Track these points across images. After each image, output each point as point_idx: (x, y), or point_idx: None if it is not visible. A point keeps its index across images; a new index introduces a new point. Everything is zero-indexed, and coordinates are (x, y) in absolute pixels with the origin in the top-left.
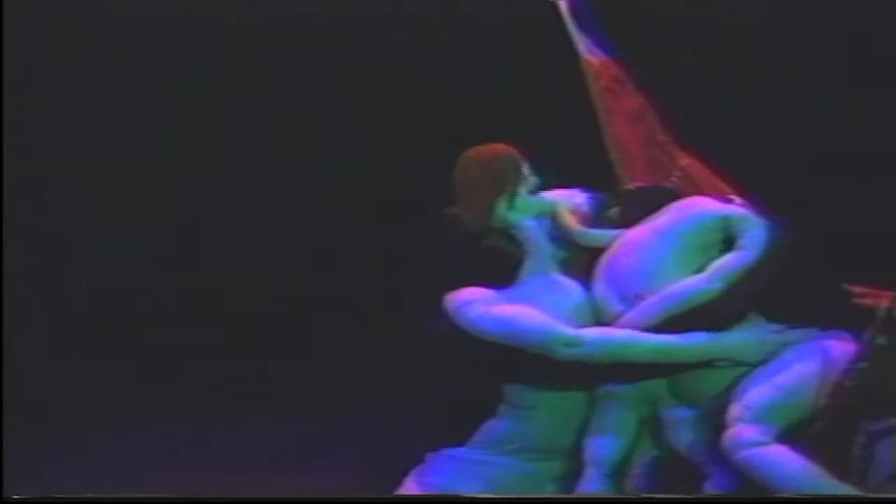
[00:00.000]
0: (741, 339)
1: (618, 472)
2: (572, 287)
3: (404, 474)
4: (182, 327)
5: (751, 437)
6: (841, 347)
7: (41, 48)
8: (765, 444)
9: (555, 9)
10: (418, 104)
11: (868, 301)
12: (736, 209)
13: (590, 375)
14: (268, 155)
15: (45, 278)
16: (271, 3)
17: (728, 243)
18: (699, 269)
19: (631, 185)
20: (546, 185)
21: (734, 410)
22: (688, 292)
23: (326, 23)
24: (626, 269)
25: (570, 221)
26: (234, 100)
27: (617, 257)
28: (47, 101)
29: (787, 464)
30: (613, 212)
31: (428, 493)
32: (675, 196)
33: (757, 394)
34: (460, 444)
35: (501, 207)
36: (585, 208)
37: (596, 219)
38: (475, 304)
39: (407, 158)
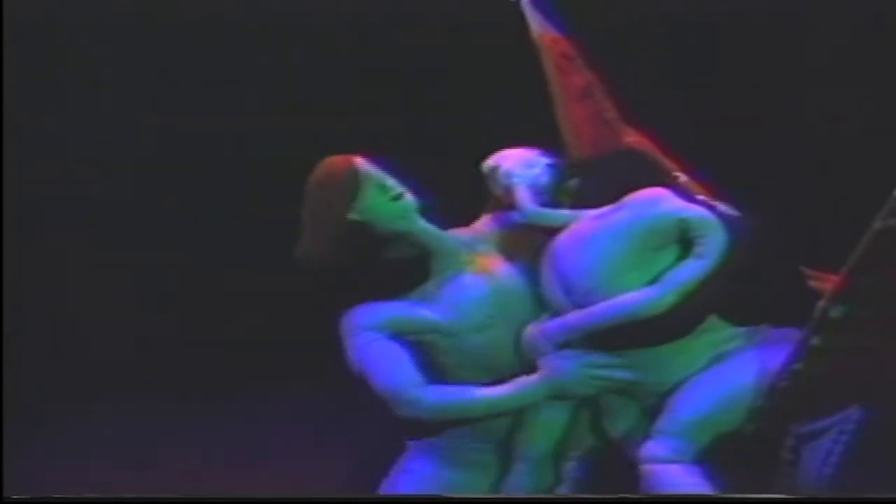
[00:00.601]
0: (570, 374)
1: (549, 466)
2: (480, 279)
3: (390, 460)
4: (183, 328)
5: (658, 453)
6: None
7: (41, 48)
8: (672, 461)
9: None
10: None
11: (821, 285)
12: (695, 211)
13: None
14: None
15: (45, 278)
16: (271, 3)
17: (686, 244)
18: (653, 272)
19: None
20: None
21: (661, 420)
22: (637, 305)
23: (326, 23)
24: (577, 264)
25: (524, 199)
26: (234, 100)
27: (569, 249)
28: (47, 100)
29: (685, 484)
30: (573, 183)
31: (427, 494)
32: (640, 161)
33: (688, 405)
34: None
35: (376, 223)
36: (544, 179)
37: (554, 192)
38: (362, 329)
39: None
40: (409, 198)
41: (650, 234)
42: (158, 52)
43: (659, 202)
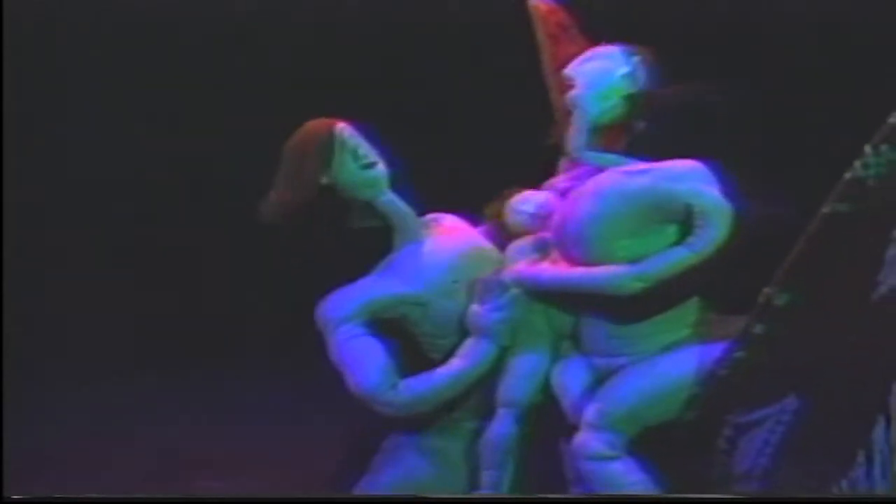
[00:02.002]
0: (489, 323)
1: (530, 415)
2: (440, 245)
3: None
4: (184, 328)
5: (595, 448)
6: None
7: (41, 48)
8: (609, 458)
9: None
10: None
11: None
12: (710, 198)
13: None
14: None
15: (45, 278)
16: (271, 3)
17: (685, 228)
18: (646, 245)
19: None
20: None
21: (589, 412)
22: (608, 281)
23: (324, 23)
24: (580, 210)
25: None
26: (233, 100)
27: (583, 193)
28: (46, 101)
29: (626, 481)
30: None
31: (427, 495)
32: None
33: (616, 397)
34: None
35: (341, 188)
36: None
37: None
38: (337, 324)
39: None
40: (381, 168)
41: (656, 207)
42: (158, 52)
43: (681, 178)
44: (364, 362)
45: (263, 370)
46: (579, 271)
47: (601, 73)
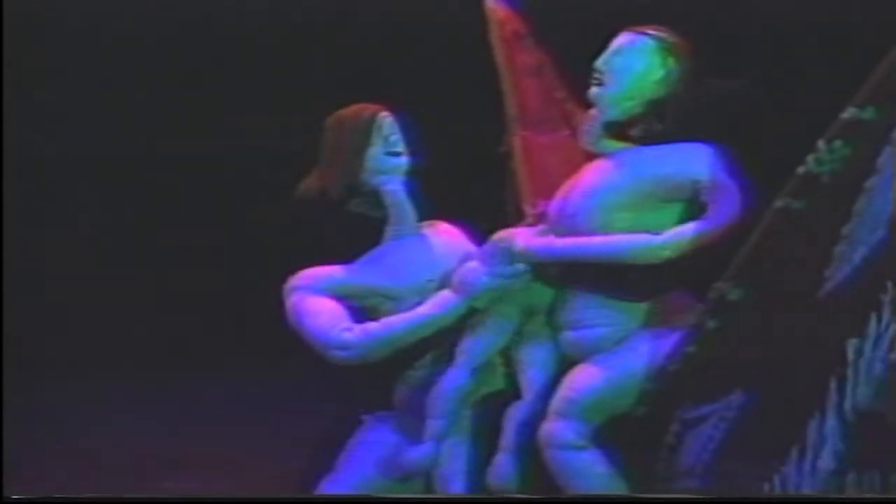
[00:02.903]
0: (478, 285)
1: (482, 370)
2: (421, 243)
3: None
4: (185, 328)
5: (565, 437)
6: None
7: (41, 48)
8: (577, 447)
9: None
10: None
11: None
12: (718, 176)
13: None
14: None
15: (45, 278)
16: (271, 3)
17: (694, 206)
18: (644, 221)
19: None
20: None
21: (557, 401)
22: (636, 248)
23: (325, 23)
24: (586, 180)
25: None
26: (233, 100)
27: (597, 166)
28: (47, 101)
29: (592, 472)
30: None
31: (426, 495)
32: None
33: (584, 385)
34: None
35: (358, 171)
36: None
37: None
38: (299, 290)
39: None
40: (403, 159)
41: (661, 183)
42: (158, 51)
43: (690, 157)
44: (319, 310)
45: (269, 369)
46: (598, 239)
47: (633, 76)
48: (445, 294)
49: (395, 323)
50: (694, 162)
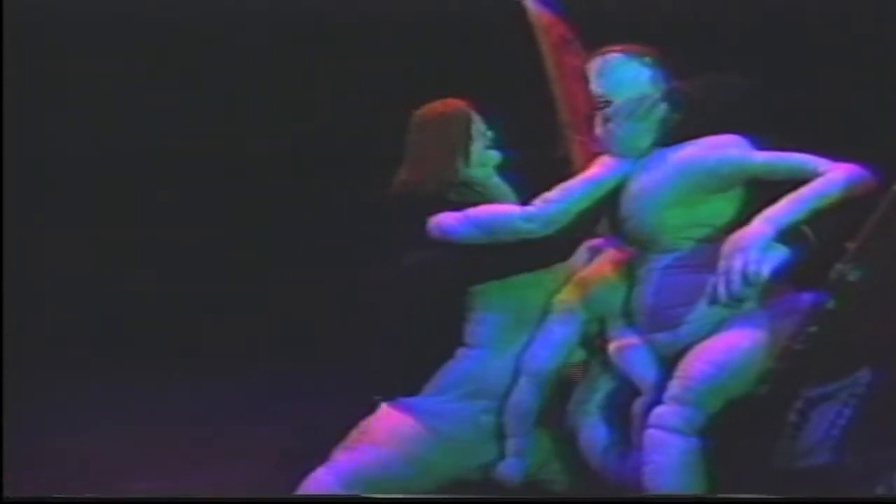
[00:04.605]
0: None
1: (549, 384)
2: None
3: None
4: (185, 328)
5: (673, 422)
6: (795, 311)
7: (41, 48)
8: (681, 432)
9: None
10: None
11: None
12: (762, 156)
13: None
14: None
15: (45, 278)
16: (270, 3)
17: (753, 186)
18: (697, 213)
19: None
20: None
21: (672, 387)
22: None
23: (324, 22)
24: (634, 187)
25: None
26: (233, 100)
27: (640, 176)
28: (47, 101)
29: (687, 461)
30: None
31: (425, 495)
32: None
33: (698, 372)
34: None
35: (459, 165)
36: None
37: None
38: (451, 215)
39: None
40: (498, 152)
41: (707, 176)
42: (159, 50)
43: (725, 146)
44: (494, 206)
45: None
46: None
47: (628, 83)
48: (608, 159)
49: (571, 188)
50: (734, 148)
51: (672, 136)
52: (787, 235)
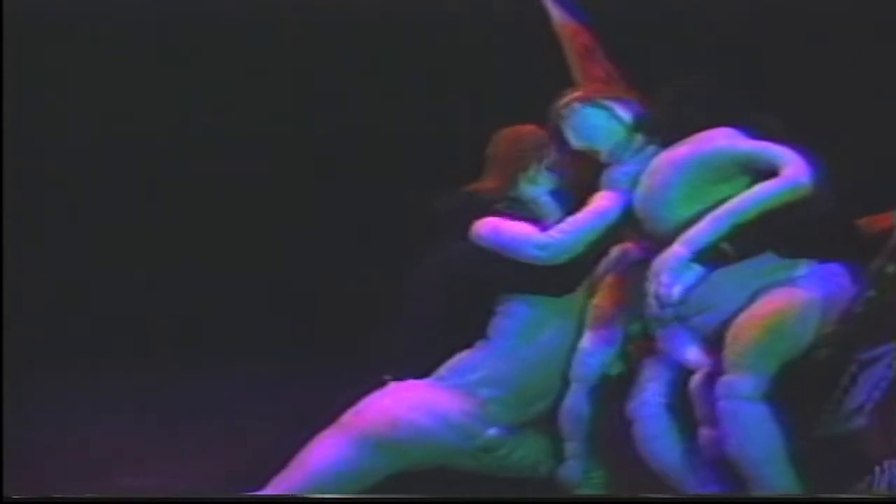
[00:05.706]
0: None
1: (600, 387)
2: None
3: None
4: (184, 328)
5: (740, 388)
6: (837, 281)
7: (41, 48)
8: (750, 398)
9: None
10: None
11: (876, 226)
12: (755, 145)
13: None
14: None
15: (45, 278)
16: (270, 2)
17: (755, 174)
18: (708, 203)
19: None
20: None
21: (728, 356)
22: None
23: (324, 22)
24: (641, 192)
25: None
26: (233, 99)
27: (642, 181)
28: (47, 101)
29: (763, 425)
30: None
31: (425, 496)
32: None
33: (746, 339)
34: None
35: (522, 180)
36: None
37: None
38: (491, 220)
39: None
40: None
41: (707, 168)
42: (159, 49)
43: (717, 138)
44: (515, 225)
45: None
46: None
47: (604, 130)
48: (610, 193)
49: (580, 221)
50: (726, 139)
51: (664, 141)
52: (705, 254)
